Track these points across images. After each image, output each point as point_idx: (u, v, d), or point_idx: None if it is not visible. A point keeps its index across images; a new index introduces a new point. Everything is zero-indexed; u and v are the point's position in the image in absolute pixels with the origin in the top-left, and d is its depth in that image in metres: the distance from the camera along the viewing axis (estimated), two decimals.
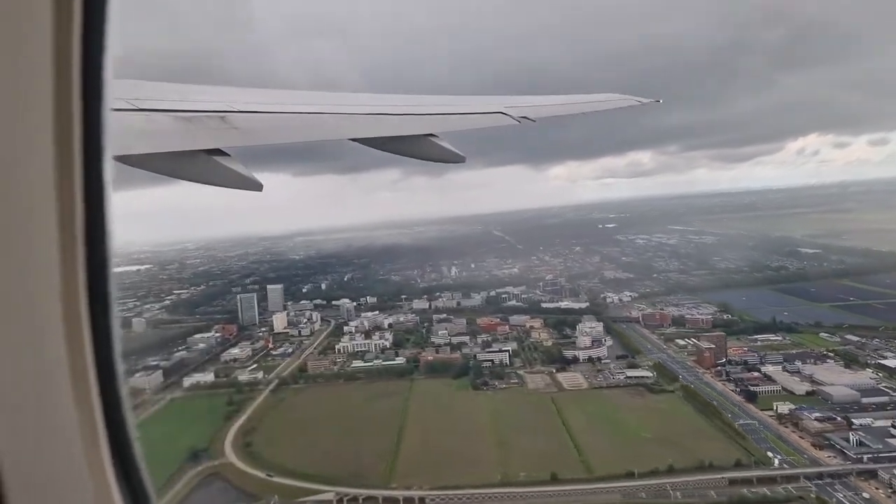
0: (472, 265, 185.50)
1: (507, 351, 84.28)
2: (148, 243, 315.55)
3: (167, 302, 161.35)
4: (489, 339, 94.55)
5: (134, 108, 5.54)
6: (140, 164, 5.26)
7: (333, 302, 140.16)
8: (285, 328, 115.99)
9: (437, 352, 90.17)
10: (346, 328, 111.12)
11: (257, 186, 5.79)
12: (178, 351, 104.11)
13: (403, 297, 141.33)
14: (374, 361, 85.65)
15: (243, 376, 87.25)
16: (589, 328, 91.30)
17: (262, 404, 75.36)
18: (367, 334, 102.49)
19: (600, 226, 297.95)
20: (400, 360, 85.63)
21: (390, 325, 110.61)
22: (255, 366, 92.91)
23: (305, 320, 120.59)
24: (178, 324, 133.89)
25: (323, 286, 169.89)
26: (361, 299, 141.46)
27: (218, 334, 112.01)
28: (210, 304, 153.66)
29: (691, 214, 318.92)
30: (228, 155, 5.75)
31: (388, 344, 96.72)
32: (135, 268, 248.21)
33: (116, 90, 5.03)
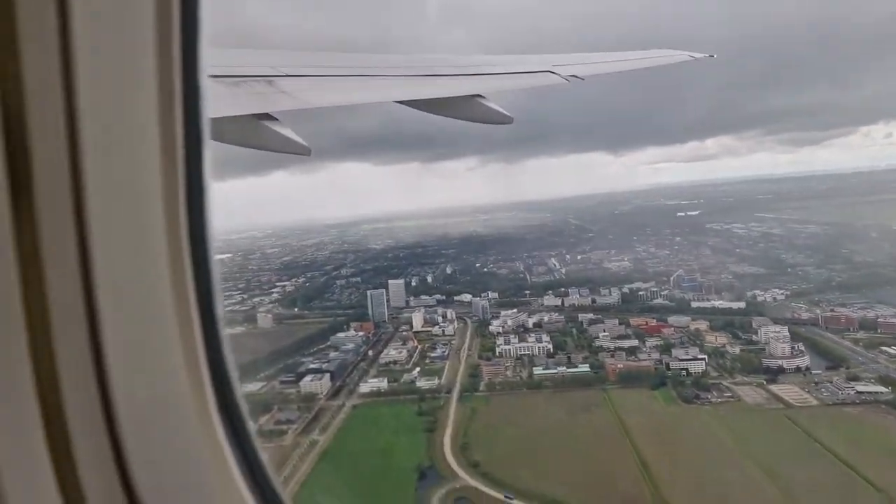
0: (578, 257, 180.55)
1: (703, 359, 79.39)
2: (215, 230, 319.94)
3: (275, 295, 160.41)
4: (661, 343, 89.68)
5: None
6: None
7: (455, 298, 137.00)
8: (423, 326, 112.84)
9: (612, 356, 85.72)
10: (490, 328, 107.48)
11: (306, 151, 5.88)
12: (329, 351, 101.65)
13: (527, 292, 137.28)
14: (558, 369, 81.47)
15: (416, 381, 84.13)
16: (774, 333, 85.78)
17: (458, 415, 71.85)
18: (521, 336, 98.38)
19: (680, 213, 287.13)
20: (584, 368, 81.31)
21: (537, 325, 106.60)
22: (417, 369, 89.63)
23: (440, 318, 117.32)
24: (301, 319, 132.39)
25: (429, 279, 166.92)
26: (482, 295, 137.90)
27: (361, 333, 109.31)
28: (323, 299, 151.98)
29: (773, 201, 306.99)
30: (277, 119, 5.74)
31: (550, 347, 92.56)
32: (217, 257, 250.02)
33: None
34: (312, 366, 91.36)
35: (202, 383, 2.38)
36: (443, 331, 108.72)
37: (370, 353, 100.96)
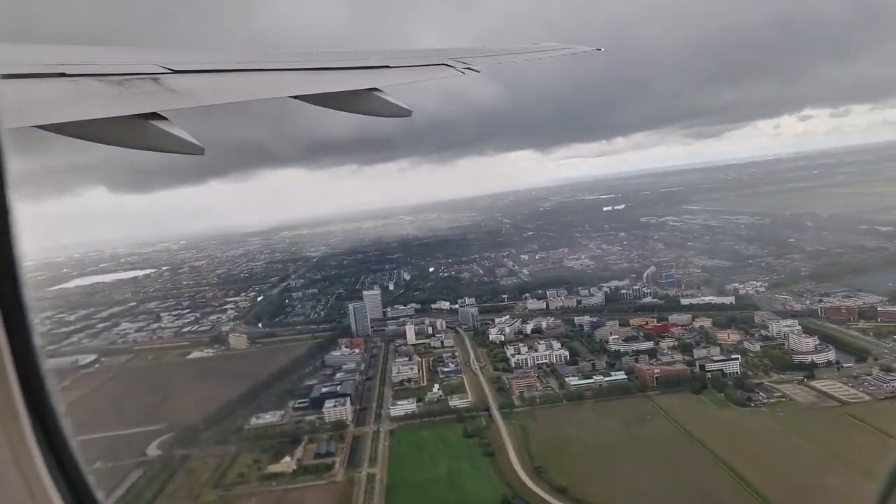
0: (536, 257, 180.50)
1: (737, 358, 79.51)
2: (120, 244, 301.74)
3: (231, 312, 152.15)
4: (677, 343, 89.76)
5: (60, 73, 5.32)
6: (69, 132, 5.11)
7: (432, 306, 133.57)
8: (418, 339, 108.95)
9: (636, 360, 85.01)
10: (489, 336, 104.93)
11: (199, 150, 5.60)
12: (328, 371, 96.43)
13: (504, 296, 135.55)
14: (594, 378, 79.70)
15: (442, 400, 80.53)
16: (787, 327, 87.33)
17: (511, 435, 68.81)
18: (529, 344, 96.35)
19: (607, 207, 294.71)
20: (619, 376, 79.88)
21: (536, 331, 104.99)
22: (436, 386, 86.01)
23: (430, 329, 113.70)
24: (275, 338, 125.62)
25: (390, 286, 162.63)
26: (459, 302, 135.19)
27: (356, 350, 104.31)
28: (286, 314, 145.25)
29: (688, 192, 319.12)
30: (166, 119, 5.57)
31: (565, 354, 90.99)
32: (140, 272, 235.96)
33: (41, 56, 5.53)
34: (325, 389, 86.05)
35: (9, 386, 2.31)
36: (441, 342, 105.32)
37: (374, 371, 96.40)
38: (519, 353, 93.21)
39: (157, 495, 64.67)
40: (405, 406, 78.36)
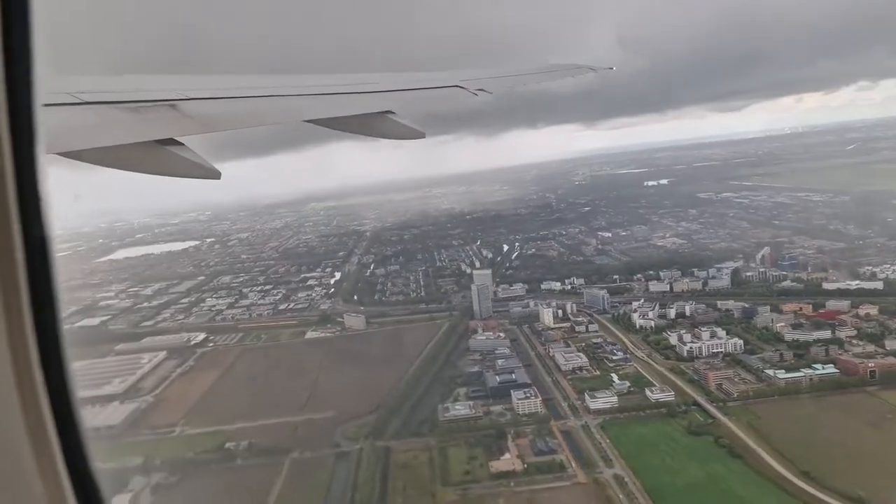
0: (621, 233, 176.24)
1: None
2: (142, 214, 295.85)
3: (318, 290, 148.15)
4: (860, 332, 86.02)
5: (79, 101, 5.48)
6: (89, 159, 5.23)
7: (542, 287, 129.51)
8: (556, 323, 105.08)
9: (825, 352, 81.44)
10: (633, 321, 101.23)
11: (215, 174, 5.72)
12: (476, 356, 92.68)
13: (616, 277, 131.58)
14: (802, 371, 76.05)
15: (633, 391, 76.93)
16: None
17: (746, 433, 65.05)
18: (693, 332, 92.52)
19: (651, 182, 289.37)
20: (829, 369, 76.15)
21: (682, 316, 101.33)
22: (614, 377, 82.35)
23: (560, 312, 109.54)
24: (388, 318, 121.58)
25: (476, 264, 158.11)
26: (566, 282, 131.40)
27: (499, 335, 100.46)
28: (382, 292, 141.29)
29: (726, 168, 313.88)
30: (182, 144, 5.71)
31: (740, 343, 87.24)
32: (184, 244, 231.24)
33: (59, 85, 5.65)
34: (499, 378, 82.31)
35: (35, 385, 2.32)
36: (586, 327, 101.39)
37: (526, 357, 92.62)
38: (683, 342, 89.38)
39: (384, 492, 61.07)
40: (602, 398, 74.56)
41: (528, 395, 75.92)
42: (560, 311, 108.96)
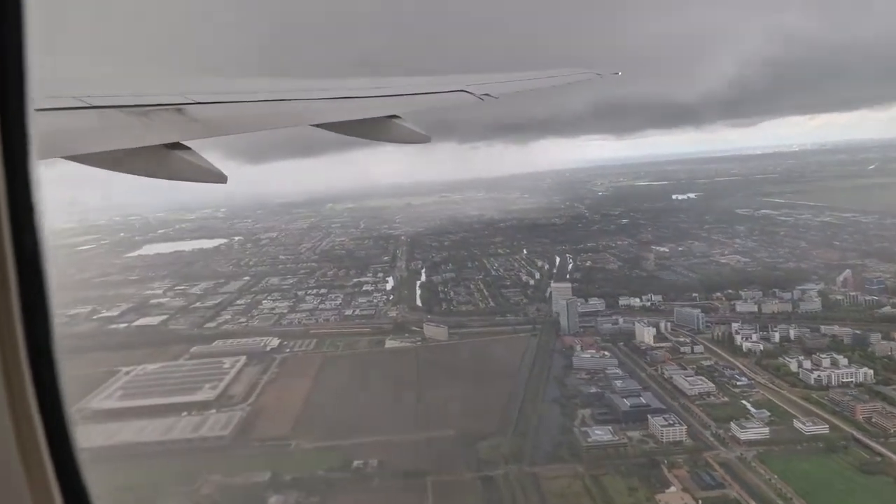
0: (679, 249, 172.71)
1: None
2: (153, 209, 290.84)
3: (377, 295, 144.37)
4: None
5: (86, 105, 5.49)
6: (95, 163, 5.27)
7: (620, 302, 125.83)
8: (656, 342, 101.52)
9: None
10: (737, 343, 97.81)
11: (221, 178, 5.75)
12: (581, 374, 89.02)
13: (695, 294, 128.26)
14: None
15: (777, 421, 73.31)
16: None
17: None
18: (814, 359, 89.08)
19: (680, 196, 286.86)
20: None
21: (787, 340, 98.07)
22: (746, 403, 78.78)
23: (654, 331, 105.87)
24: (464, 329, 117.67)
25: (536, 275, 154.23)
26: (644, 297, 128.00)
27: (604, 353, 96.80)
28: (447, 301, 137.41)
29: (750, 183, 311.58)
30: (189, 148, 5.72)
31: (869, 373, 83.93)
32: (212, 242, 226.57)
33: (66, 87, 5.65)
34: (628, 402, 78.57)
35: (23, 383, 2.30)
36: (691, 348, 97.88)
37: (636, 378, 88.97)
38: (806, 368, 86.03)
39: None
40: (750, 428, 70.97)
41: (670, 421, 72.12)
42: (654, 329, 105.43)
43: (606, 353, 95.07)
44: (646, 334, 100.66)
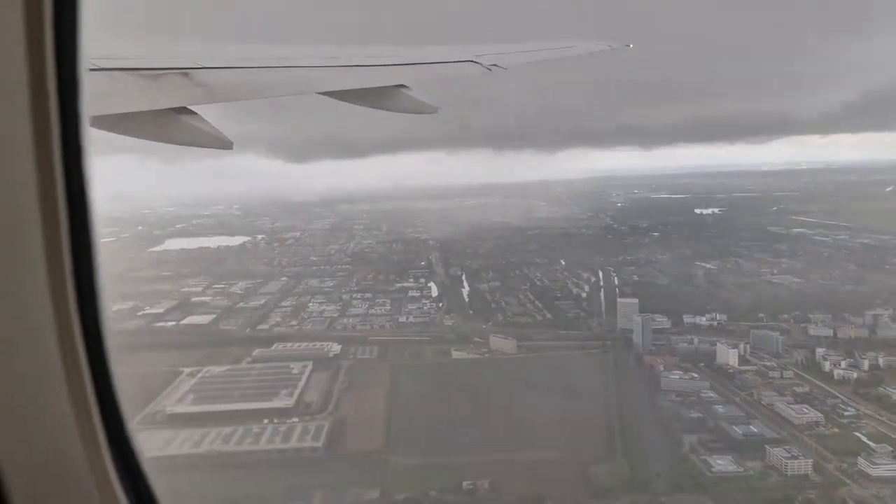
0: (727, 265, 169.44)
1: None
2: (164, 203, 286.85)
3: (426, 303, 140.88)
4: None
5: (94, 67, 5.38)
6: (102, 126, 5.22)
7: (685, 320, 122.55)
8: (739, 364, 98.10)
9: None
10: (826, 370, 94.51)
11: (227, 145, 5.76)
12: (672, 396, 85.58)
13: (761, 315, 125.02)
14: None
15: None
16: None
17: None
18: None
19: (705, 211, 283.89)
20: None
21: (876, 367, 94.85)
22: (860, 434, 75.47)
23: (731, 351, 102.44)
24: (529, 341, 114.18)
25: (585, 288, 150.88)
26: (707, 316, 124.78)
27: (693, 375, 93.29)
28: (500, 312, 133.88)
29: (771, 201, 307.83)
30: (195, 113, 5.74)
31: None
32: (234, 239, 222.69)
33: None
34: (739, 429, 75.11)
35: (83, 385, 2.33)
36: (781, 373, 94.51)
37: (739, 403, 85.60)
38: None
39: None
40: (882, 465, 67.54)
41: (792, 453, 68.63)
42: (733, 349, 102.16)
43: (695, 374, 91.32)
44: (729, 356, 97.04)
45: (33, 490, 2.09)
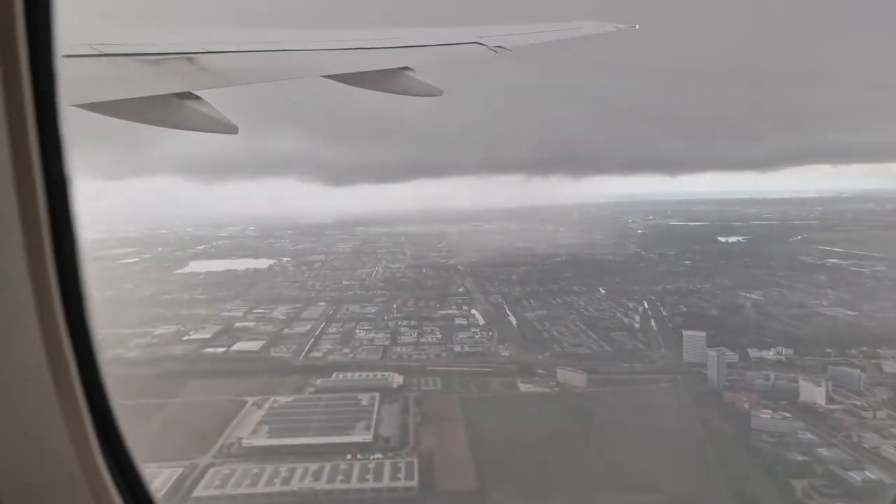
0: (775, 295, 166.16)
1: None
2: (179, 224, 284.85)
3: (474, 331, 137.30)
4: None
5: (98, 52, 5.33)
6: (107, 112, 5.15)
7: (752, 354, 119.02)
8: (826, 402, 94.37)
9: None
10: None
11: (232, 129, 5.67)
12: (787, 442, 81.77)
13: (829, 351, 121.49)
14: None
15: None
16: None
17: None
18: None
19: (730, 239, 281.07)
20: None
21: None
22: None
23: (811, 386, 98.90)
24: (595, 374, 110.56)
25: (636, 319, 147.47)
26: (774, 350, 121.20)
27: (784, 414, 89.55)
28: (554, 342, 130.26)
29: (793, 229, 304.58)
30: (199, 98, 5.66)
31: None
32: (259, 262, 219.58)
33: (78, 34, 5.55)
34: (860, 476, 71.37)
35: (71, 384, 2.31)
36: (874, 413, 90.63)
37: (839, 444, 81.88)
38: None
39: None
40: None
41: None
42: (813, 385, 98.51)
43: (786, 413, 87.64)
44: (815, 394, 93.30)
45: (26, 492, 2.08)
